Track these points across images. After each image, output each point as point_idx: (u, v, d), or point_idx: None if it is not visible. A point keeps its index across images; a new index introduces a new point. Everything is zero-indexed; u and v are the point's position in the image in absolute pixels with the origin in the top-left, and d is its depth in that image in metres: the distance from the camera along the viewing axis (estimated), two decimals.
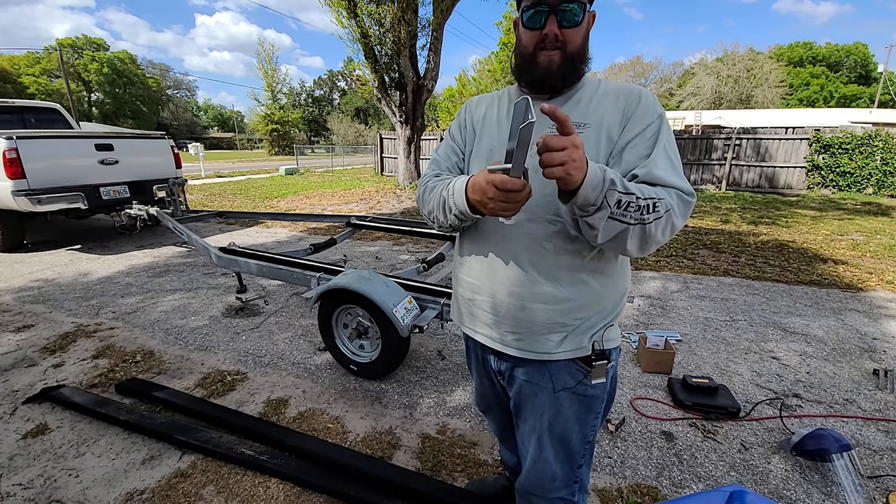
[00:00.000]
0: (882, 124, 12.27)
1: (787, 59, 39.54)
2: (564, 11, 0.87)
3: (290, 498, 1.62)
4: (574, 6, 0.87)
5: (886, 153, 9.52)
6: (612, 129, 0.90)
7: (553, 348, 0.96)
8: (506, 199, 0.76)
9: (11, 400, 2.22)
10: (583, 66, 0.93)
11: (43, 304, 3.54)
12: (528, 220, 0.91)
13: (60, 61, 29.46)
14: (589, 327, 0.96)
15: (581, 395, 1.00)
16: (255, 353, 2.74)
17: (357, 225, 4.35)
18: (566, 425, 1.02)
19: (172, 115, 60.81)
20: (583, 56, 0.92)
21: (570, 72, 0.92)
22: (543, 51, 0.90)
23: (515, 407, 1.10)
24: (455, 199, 0.91)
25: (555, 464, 1.05)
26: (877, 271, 4.31)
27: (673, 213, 0.81)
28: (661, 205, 0.79)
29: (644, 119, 0.89)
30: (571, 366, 0.98)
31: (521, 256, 0.94)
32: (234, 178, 15.08)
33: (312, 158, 29.68)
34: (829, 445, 1.70)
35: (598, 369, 0.97)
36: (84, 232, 6.28)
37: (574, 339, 0.96)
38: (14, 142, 4.44)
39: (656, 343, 2.49)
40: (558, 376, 0.99)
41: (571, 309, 0.94)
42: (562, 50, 0.89)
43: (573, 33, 0.89)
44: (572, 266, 0.92)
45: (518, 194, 0.74)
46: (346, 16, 9.56)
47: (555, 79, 0.91)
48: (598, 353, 0.96)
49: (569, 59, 0.90)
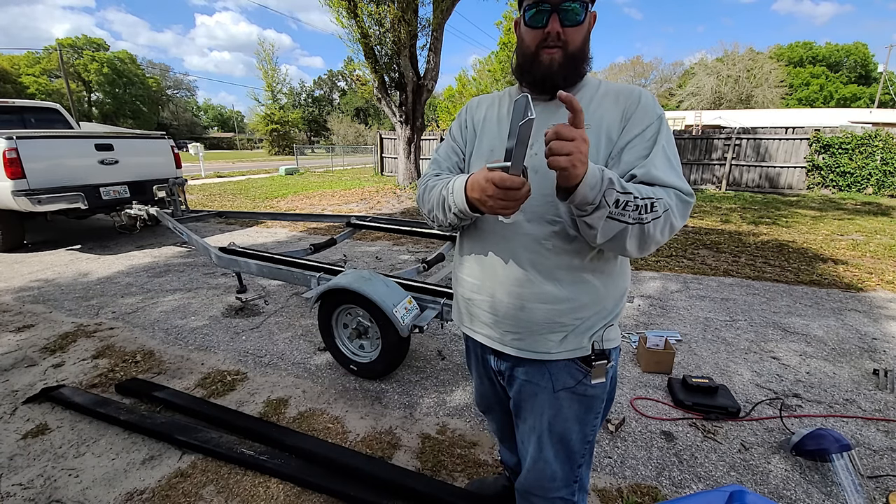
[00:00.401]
0: (882, 124, 12.27)
1: (787, 59, 39.53)
2: (567, 10, 0.87)
3: (290, 498, 1.62)
4: (576, 5, 0.87)
5: (886, 153, 9.52)
6: (612, 129, 0.90)
7: (553, 348, 0.96)
8: (505, 197, 0.77)
9: (11, 400, 2.23)
10: (584, 65, 0.94)
11: (43, 304, 3.54)
12: (527, 220, 0.92)
13: (60, 61, 29.46)
14: (589, 327, 0.96)
15: (581, 394, 1.00)
16: (255, 353, 2.74)
17: (357, 225, 4.35)
18: (566, 425, 1.02)
19: (172, 115, 60.80)
20: (584, 56, 0.93)
21: (571, 71, 0.92)
22: (545, 49, 0.90)
23: (515, 407, 1.10)
24: (455, 198, 0.91)
25: (555, 463, 1.05)
26: (877, 271, 4.31)
27: (671, 213, 0.82)
28: (659, 205, 0.79)
29: (643, 120, 0.89)
30: (571, 366, 0.98)
31: (521, 256, 0.94)
32: (234, 178, 15.07)
33: (312, 158, 29.68)
34: (829, 445, 1.70)
35: (597, 369, 0.97)
36: (84, 232, 6.28)
37: (574, 338, 0.96)
38: (14, 142, 4.44)
39: (656, 343, 2.49)
40: (558, 376, 0.99)
41: (571, 309, 0.94)
42: (563, 49, 0.90)
43: (575, 32, 0.89)
44: (572, 266, 0.93)
45: (517, 192, 0.75)
46: (346, 16, 9.56)
47: (556, 78, 0.91)
48: (597, 353, 0.97)
49: (570, 58, 0.90)
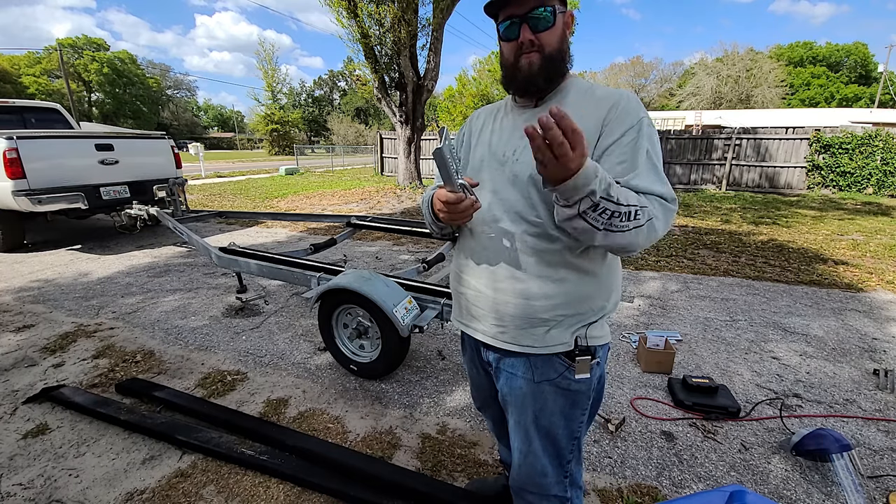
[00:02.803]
0: (882, 124, 12.25)
1: (787, 59, 39.52)
2: (535, 18, 0.92)
3: (290, 498, 1.62)
4: (543, 11, 0.91)
5: (886, 153, 9.51)
6: (589, 135, 0.90)
7: (535, 342, 0.99)
8: (451, 211, 0.89)
9: (12, 400, 2.23)
10: (563, 64, 0.97)
11: (43, 304, 3.54)
12: (511, 220, 0.96)
13: (61, 61, 29.43)
14: (572, 323, 0.98)
15: (564, 388, 1.01)
16: (255, 353, 2.74)
17: (357, 225, 4.35)
18: (551, 419, 1.04)
19: (172, 115, 60.79)
20: (562, 56, 0.96)
21: (550, 72, 0.95)
22: (524, 55, 0.95)
23: (503, 401, 1.12)
24: (426, 210, 1.08)
25: (543, 457, 1.07)
26: (877, 271, 4.31)
27: (655, 221, 0.84)
28: (642, 213, 0.81)
29: (621, 125, 0.90)
30: (555, 359, 1.00)
31: (504, 254, 0.98)
32: (234, 179, 15.08)
33: (312, 158, 29.69)
34: (830, 445, 1.70)
35: (581, 364, 0.98)
36: (84, 232, 6.28)
37: (556, 333, 0.98)
38: (14, 142, 4.44)
39: (656, 343, 2.49)
40: (541, 369, 1.01)
41: (553, 305, 0.96)
42: (540, 52, 0.94)
43: (547, 36, 0.93)
44: (553, 264, 0.95)
45: (457, 206, 0.87)
46: (346, 16, 9.55)
47: (537, 80, 0.95)
48: (581, 348, 0.98)
49: (548, 59, 0.94)
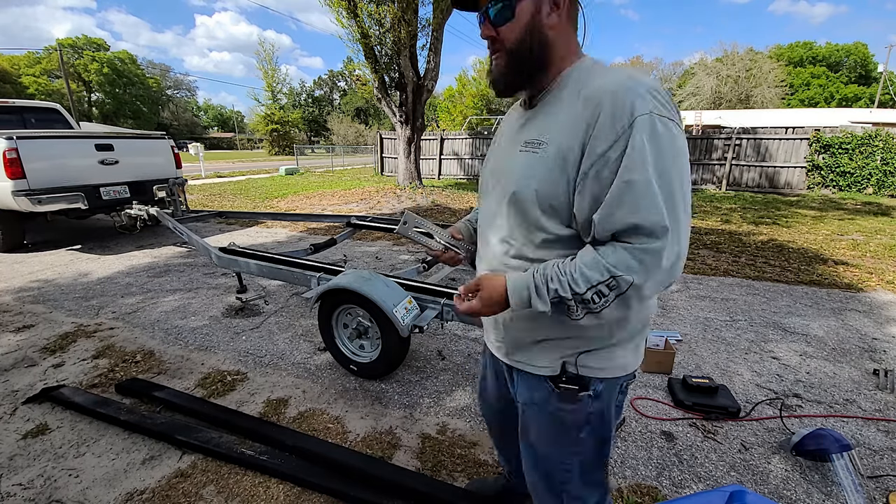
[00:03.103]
0: (882, 124, 12.25)
1: (787, 59, 39.48)
2: (493, 11, 0.82)
3: (290, 498, 1.62)
4: (495, 3, 0.81)
5: (886, 153, 9.52)
6: (571, 149, 0.76)
7: (527, 359, 0.96)
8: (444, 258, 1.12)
9: (11, 400, 2.23)
10: (540, 60, 0.83)
11: (43, 304, 3.54)
12: (498, 239, 0.93)
13: (61, 61, 29.44)
14: (554, 347, 0.90)
15: (551, 413, 0.96)
16: (255, 353, 2.74)
17: (357, 225, 4.35)
18: (539, 439, 1.02)
19: (172, 115, 60.81)
20: (530, 52, 0.82)
21: (520, 72, 0.85)
22: (493, 56, 0.86)
23: None
24: None
25: (533, 473, 1.07)
26: (877, 271, 4.31)
27: (636, 281, 0.71)
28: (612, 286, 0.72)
29: (609, 133, 0.71)
30: (543, 381, 0.94)
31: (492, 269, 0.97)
32: (234, 179, 15.08)
33: (312, 158, 29.70)
34: (830, 445, 1.70)
35: (565, 393, 0.91)
36: (84, 232, 6.28)
37: (541, 355, 0.92)
38: (14, 142, 4.44)
39: (656, 343, 2.48)
40: (533, 388, 0.98)
41: (532, 327, 0.92)
42: (503, 50, 0.84)
43: (508, 30, 0.82)
44: None
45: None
46: (346, 16, 9.55)
47: (504, 82, 0.86)
48: (570, 376, 0.90)
49: (512, 56, 0.83)
